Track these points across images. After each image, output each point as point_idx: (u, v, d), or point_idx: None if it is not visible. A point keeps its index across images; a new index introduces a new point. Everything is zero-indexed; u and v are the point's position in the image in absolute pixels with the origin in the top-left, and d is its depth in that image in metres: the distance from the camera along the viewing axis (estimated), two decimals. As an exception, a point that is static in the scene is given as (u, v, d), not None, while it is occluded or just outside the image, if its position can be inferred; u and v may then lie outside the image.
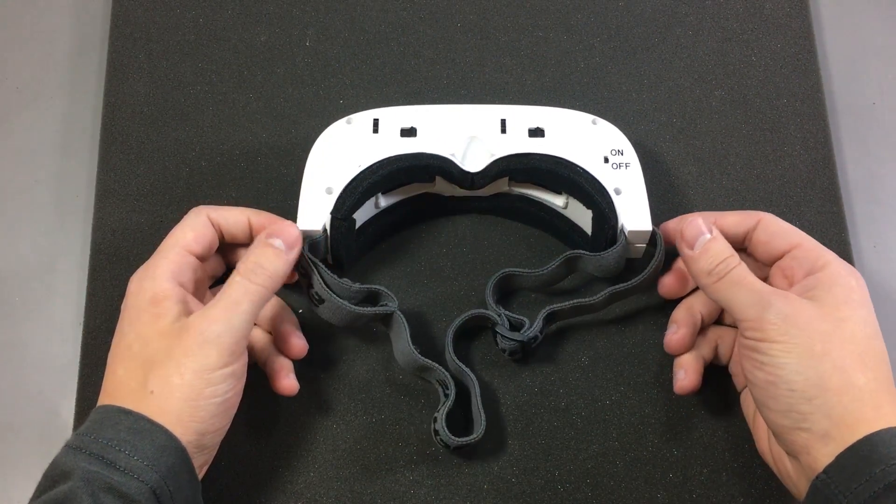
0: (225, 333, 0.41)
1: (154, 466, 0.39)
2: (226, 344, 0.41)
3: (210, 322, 0.41)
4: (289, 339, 0.48)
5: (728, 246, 0.45)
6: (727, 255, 0.44)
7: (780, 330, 0.41)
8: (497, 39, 0.60)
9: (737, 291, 0.43)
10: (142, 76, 0.58)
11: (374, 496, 0.48)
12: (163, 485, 0.39)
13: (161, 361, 0.41)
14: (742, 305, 0.43)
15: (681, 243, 0.46)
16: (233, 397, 0.43)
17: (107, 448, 0.39)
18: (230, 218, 0.48)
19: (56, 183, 0.57)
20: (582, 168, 0.49)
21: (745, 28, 0.60)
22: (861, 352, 0.41)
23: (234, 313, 0.42)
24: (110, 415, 0.40)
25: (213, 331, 0.41)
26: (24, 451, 0.51)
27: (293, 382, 0.47)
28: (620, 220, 0.49)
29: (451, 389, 0.47)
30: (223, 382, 0.41)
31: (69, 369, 0.52)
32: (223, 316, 0.42)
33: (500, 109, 0.52)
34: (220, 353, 0.41)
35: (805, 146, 0.57)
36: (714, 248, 0.45)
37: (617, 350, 0.51)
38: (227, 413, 0.43)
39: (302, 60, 0.59)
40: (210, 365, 0.41)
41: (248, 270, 0.43)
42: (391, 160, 0.49)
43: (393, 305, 0.47)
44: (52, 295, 0.54)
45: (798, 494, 0.43)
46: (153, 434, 0.39)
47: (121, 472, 0.38)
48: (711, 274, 0.44)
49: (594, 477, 0.48)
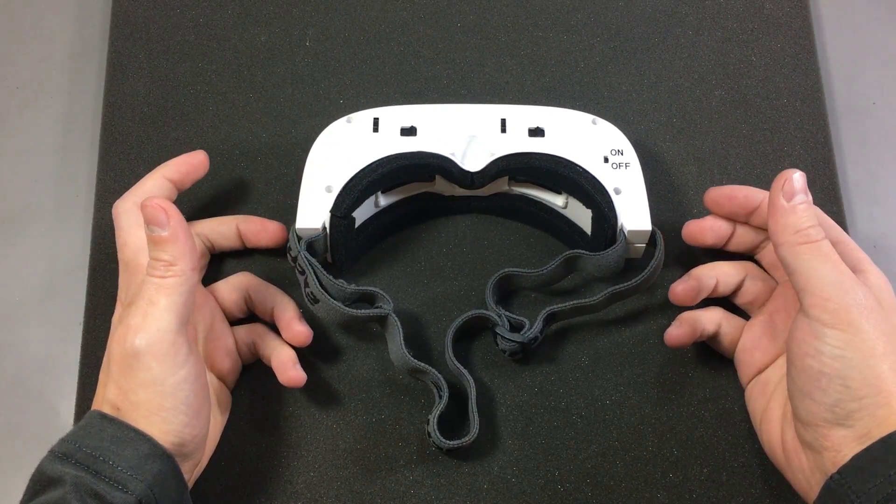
0: (155, 340, 0.39)
1: (139, 475, 0.38)
2: (162, 350, 0.39)
3: (133, 332, 0.39)
4: (291, 325, 0.47)
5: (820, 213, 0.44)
6: (819, 220, 0.43)
7: (851, 320, 0.39)
8: (497, 39, 0.60)
9: (821, 262, 0.41)
10: (142, 76, 0.58)
11: (374, 496, 0.48)
12: (148, 493, 0.38)
13: (116, 378, 0.40)
14: (822, 280, 0.40)
15: (775, 192, 0.43)
16: (197, 401, 0.41)
17: (90, 458, 0.38)
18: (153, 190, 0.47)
19: (56, 183, 0.57)
20: (582, 167, 0.49)
21: (745, 28, 0.60)
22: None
23: (154, 315, 0.40)
24: (94, 422, 0.40)
25: (141, 340, 0.39)
26: (24, 451, 0.51)
27: (300, 373, 0.47)
28: (620, 220, 0.49)
29: (445, 391, 0.47)
30: (179, 390, 0.40)
31: (69, 369, 0.52)
32: (144, 322, 0.39)
33: (500, 109, 0.52)
34: (160, 361, 0.39)
35: (805, 146, 0.57)
36: (810, 210, 0.42)
37: (617, 350, 0.51)
38: (199, 418, 0.41)
39: (302, 60, 0.59)
40: (157, 377, 0.39)
41: (149, 267, 0.41)
42: (391, 158, 0.49)
43: (388, 308, 0.47)
44: (52, 295, 0.54)
45: (806, 491, 0.42)
46: (137, 443, 0.39)
47: (106, 482, 0.38)
48: (800, 233, 0.42)
49: (594, 477, 0.48)
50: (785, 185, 0.43)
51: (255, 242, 0.50)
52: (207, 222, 0.50)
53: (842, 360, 0.39)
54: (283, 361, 0.47)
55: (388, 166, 0.49)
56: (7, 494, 0.50)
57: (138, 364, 0.39)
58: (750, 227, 0.50)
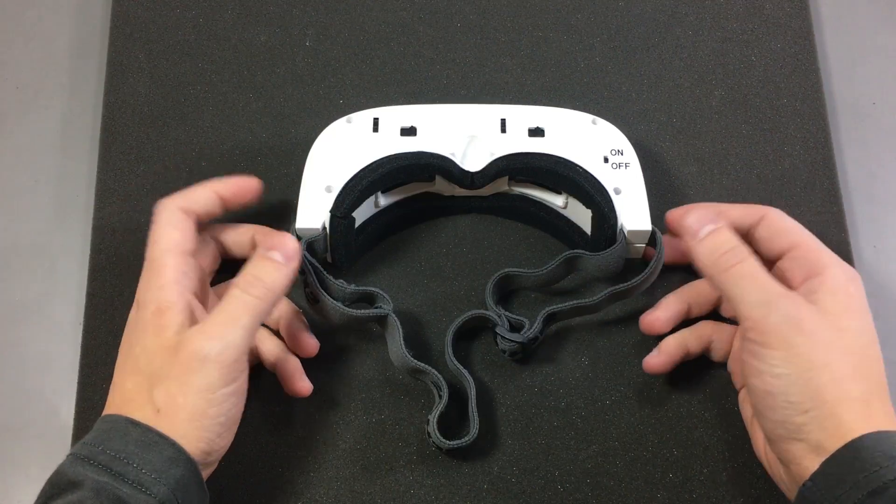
0: (225, 350, 0.40)
1: (163, 479, 0.38)
2: (227, 361, 0.40)
3: (208, 338, 0.40)
4: (300, 337, 0.48)
5: (735, 236, 0.43)
6: (734, 244, 0.43)
7: (782, 337, 0.40)
8: (497, 39, 0.60)
9: (744, 286, 0.41)
10: (142, 76, 0.58)
11: (374, 496, 0.48)
12: (171, 497, 0.38)
13: (164, 378, 0.40)
14: (747, 302, 0.41)
15: (684, 231, 0.44)
16: (236, 414, 0.42)
17: (115, 460, 0.38)
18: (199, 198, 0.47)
19: (56, 183, 0.57)
20: (582, 168, 0.49)
21: (745, 28, 0.60)
22: (857, 362, 0.40)
23: (233, 328, 0.41)
24: (118, 425, 0.40)
25: (213, 348, 0.40)
26: (23, 451, 0.51)
27: (308, 384, 0.47)
28: (620, 220, 0.49)
29: (445, 391, 0.47)
30: (226, 402, 0.41)
31: (69, 369, 0.52)
32: (221, 332, 0.41)
33: (500, 109, 0.52)
34: (222, 371, 0.40)
35: (805, 146, 0.57)
36: (720, 236, 0.43)
37: (617, 350, 0.51)
38: (230, 430, 0.42)
39: (302, 60, 0.59)
40: (212, 384, 0.40)
41: (246, 283, 0.42)
42: (391, 159, 0.49)
43: (387, 308, 0.47)
44: (52, 295, 0.54)
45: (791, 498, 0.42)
46: (161, 447, 0.39)
47: (129, 485, 0.38)
48: (716, 264, 0.43)
49: (594, 477, 0.48)
50: (687, 223, 0.44)
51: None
52: (224, 227, 0.49)
53: (781, 377, 0.40)
54: (289, 372, 0.47)
55: (387, 166, 0.49)
56: (7, 494, 0.50)
57: (201, 369, 0.40)
58: None
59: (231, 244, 0.49)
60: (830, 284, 0.42)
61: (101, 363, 0.50)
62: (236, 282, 0.43)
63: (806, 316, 0.40)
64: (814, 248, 0.44)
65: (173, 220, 0.45)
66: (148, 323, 0.42)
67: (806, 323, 0.40)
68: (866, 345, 0.42)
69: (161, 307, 0.42)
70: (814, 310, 0.41)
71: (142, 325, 0.42)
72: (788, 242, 0.45)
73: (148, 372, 0.41)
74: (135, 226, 0.54)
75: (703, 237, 0.43)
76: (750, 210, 0.47)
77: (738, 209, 0.47)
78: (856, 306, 0.42)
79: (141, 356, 0.41)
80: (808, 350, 0.40)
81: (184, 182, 0.54)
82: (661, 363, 0.48)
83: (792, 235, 0.45)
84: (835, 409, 0.39)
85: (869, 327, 0.42)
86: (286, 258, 0.44)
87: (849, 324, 0.41)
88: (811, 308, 0.41)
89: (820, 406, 0.39)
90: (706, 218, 0.44)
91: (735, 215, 0.46)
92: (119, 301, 0.52)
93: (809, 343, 0.40)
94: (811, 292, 0.42)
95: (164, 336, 0.41)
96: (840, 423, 0.39)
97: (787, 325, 0.40)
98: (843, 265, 0.44)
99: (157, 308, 0.42)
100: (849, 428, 0.39)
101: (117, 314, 0.51)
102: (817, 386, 0.39)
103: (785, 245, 0.45)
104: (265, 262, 0.43)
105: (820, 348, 0.40)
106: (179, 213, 0.45)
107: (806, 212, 0.55)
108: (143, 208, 0.54)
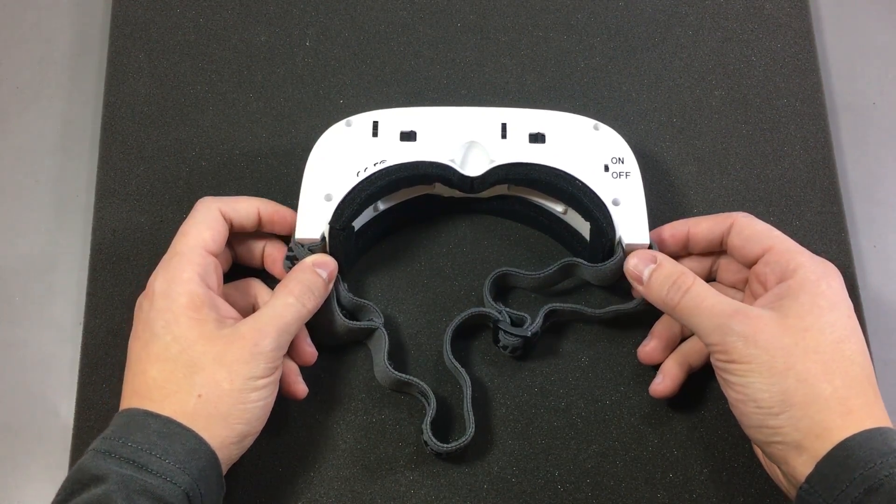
0: (276, 349, 0.44)
1: (186, 469, 0.39)
2: (274, 357, 0.44)
3: (264, 336, 0.43)
4: (300, 346, 0.48)
5: (676, 267, 0.45)
6: (675, 276, 0.45)
7: (741, 353, 0.41)
8: (497, 39, 0.60)
9: (696, 317, 0.44)
10: (142, 76, 0.58)
11: (374, 496, 0.48)
12: (195, 487, 0.39)
13: (208, 366, 0.42)
14: (703, 331, 0.43)
15: (631, 279, 0.47)
16: (272, 402, 0.44)
17: (137, 452, 0.39)
18: (241, 210, 0.48)
19: (56, 183, 0.57)
20: (581, 182, 0.49)
21: (745, 28, 0.60)
22: (826, 360, 0.41)
23: (285, 332, 0.44)
24: (137, 418, 0.41)
25: (267, 345, 0.43)
26: (23, 451, 0.51)
27: (304, 386, 0.48)
28: (618, 233, 0.48)
29: (432, 399, 0.47)
30: (265, 388, 0.43)
31: (69, 369, 0.52)
32: (276, 333, 0.44)
33: (501, 113, 0.51)
34: (268, 364, 0.43)
35: (805, 146, 0.57)
36: (661, 273, 0.45)
37: (617, 350, 0.51)
38: (265, 415, 0.44)
39: (302, 60, 0.59)
40: (259, 374, 0.43)
41: (302, 294, 0.45)
42: (390, 170, 0.49)
43: (378, 321, 0.48)
44: (52, 295, 0.54)
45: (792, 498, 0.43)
46: (183, 437, 0.40)
47: (154, 475, 0.38)
48: (665, 302, 0.45)
49: (594, 477, 0.48)
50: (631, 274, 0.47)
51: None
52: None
53: (748, 385, 0.41)
54: (286, 375, 0.48)
55: (387, 178, 0.48)
56: (7, 494, 0.50)
57: (252, 360, 0.43)
58: (695, 256, 0.50)
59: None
60: (798, 285, 0.43)
61: (101, 363, 0.50)
62: (290, 289, 0.45)
63: (760, 328, 0.41)
64: (785, 250, 0.45)
65: (208, 220, 0.46)
66: (180, 314, 0.43)
67: (760, 335, 0.41)
68: (839, 340, 0.42)
69: (195, 302, 0.43)
70: (772, 317, 0.42)
71: (171, 316, 0.43)
72: (761, 248, 0.45)
73: (184, 360, 0.42)
74: (135, 226, 0.54)
75: (647, 279, 0.46)
76: (717, 220, 0.48)
77: (706, 221, 0.48)
78: (825, 303, 0.42)
79: (173, 344, 0.42)
80: (767, 359, 0.41)
81: (184, 182, 0.55)
82: (667, 387, 0.48)
83: (763, 239, 0.46)
84: (807, 411, 0.40)
85: (843, 322, 0.42)
86: (329, 278, 0.47)
87: (812, 322, 0.41)
88: (767, 317, 0.42)
89: (790, 409, 0.40)
90: (645, 258, 0.46)
91: (704, 227, 0.48)
92: (119, 301, 0.52)
93: (768, 353, 0.41)
94: (780, 296, 0.43)
95: (203, 328, 0.43)
96: (813, 422, 0.40)
97: (742, 342, 0.41)
98: (815, 262, 0.44)
99: (190, 301, 0.43)
100: (824, 426, 0.39)
101: (117, 314, 0.51)
102: (783, 390, 0.40)
103: (758, 250, 0.46)
104: (317, 279, 0.46)
105: (780, 355, 0.41)
106: (218, 214, 0.47)
107: (806, 212, 0.55)
108: (143, 208, 0.54)
